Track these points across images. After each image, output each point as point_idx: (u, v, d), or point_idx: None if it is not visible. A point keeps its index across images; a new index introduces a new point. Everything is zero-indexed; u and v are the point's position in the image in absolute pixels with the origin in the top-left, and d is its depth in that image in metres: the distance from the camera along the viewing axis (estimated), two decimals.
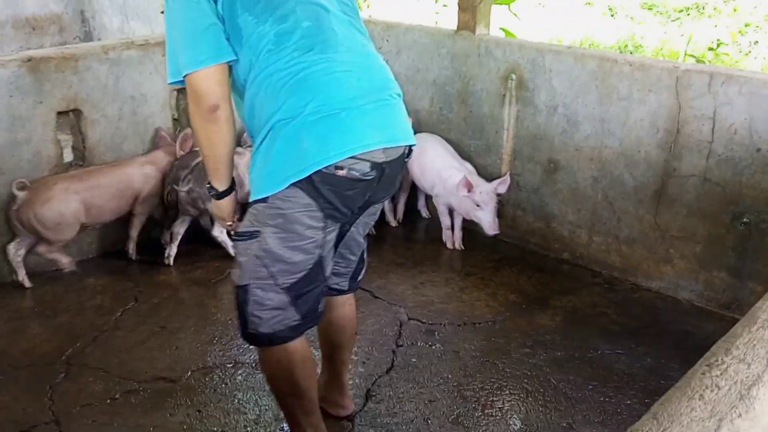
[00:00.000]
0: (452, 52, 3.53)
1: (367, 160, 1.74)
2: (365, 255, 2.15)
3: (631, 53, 5.85)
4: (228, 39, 1.75)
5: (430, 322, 2.89)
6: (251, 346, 2.66)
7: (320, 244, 1.82)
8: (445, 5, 6.04)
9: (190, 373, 2.55)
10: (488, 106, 3.48)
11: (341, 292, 2.12)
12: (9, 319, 2.85)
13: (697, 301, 3.00)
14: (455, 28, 3.55)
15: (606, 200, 3.18)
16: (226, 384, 2.50)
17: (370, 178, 1.77)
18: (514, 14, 4.94)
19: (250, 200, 1.80)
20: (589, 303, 3.06)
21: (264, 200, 1.75)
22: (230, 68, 1.78)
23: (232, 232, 1.97)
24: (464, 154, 3.59)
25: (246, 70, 1.76)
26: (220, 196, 1.93)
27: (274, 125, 1.71)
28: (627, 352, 2.68)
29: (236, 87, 1.83)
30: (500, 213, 3.56)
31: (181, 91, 3.51)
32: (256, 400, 2.42)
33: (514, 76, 3.33)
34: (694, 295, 3.00)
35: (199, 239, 3.54)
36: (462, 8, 3.44)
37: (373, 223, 2.17)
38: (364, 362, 2.63)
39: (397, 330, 2.84)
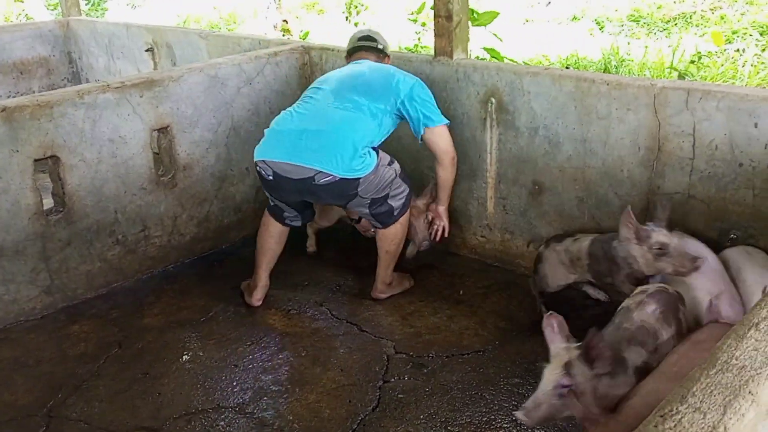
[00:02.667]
0: (431, 78, 3.50)
1: (270, 167, 2.90)
2: (382, 212, 3.05)
3: (616, 67, 5.82)
4: None
5: (418, 354, 2.84)
6: (235, 390, 2.64)
7: (268, 196, 3.12)
8: (423, 24, 6.04)
9: (172, 420, 2.50)
10: (470, 131, 3.45)
11: (377, 227, 3.13)
12: None
13: None
14: (433, 53, 3.54)
15: (593, 220, 3.13)
16: (209, 430, 2.44)
17: (270, 179, 2.93)
18: (495, 35, 4.93)
19: None
20: (581, 327, 2.97)
21: None
22: None
23: None
24: None
25: None
26: None
27: None
28: None
29: None
30: (488, 238, 3.53)
31: (162, 131, 3.51)
32: None
33: (493, 100, 3.30)
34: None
35: (189, 280, 3.51)
36: (438, 34, 3.43)
37: (369, 203, 3.01)
38: (349, 400, 2.57)
39: (384, 365, 2.78)
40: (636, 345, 2.11)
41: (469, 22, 3.71)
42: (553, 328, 2.14)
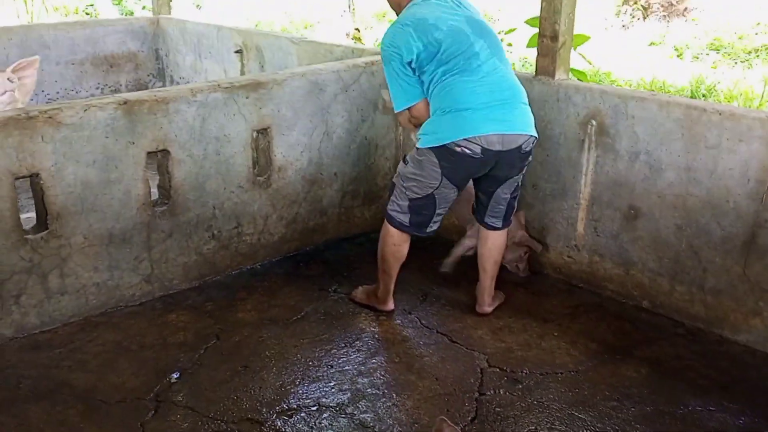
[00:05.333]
0: (530, 97, 3.50)
1: (479, 144, 2.81)
2: (514, 204, 3.18)
3: (704, 96, 5.77)
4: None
5: (512, 369, 2.86)
6: (332, 390, 2.70)
7: (434, 187, 2.93)
8: (510, 44, 6.06)
9: (275, 414, 2.57)
10: (566, 151, 3.46)
11: (496, 228, 3.19)
12: (98, 352, 2.92)
13: None
14: (533, 72, 3.57)
15: (690, 249, 3.11)
16: (311, 427, 2.50)
17: (477, 156, 2.83)
18: (583, 56, 4.94)
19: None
20: (673, 354, 2.98)
21: (418, 149, 2.94)
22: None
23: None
24: (539, 198, 3.58)
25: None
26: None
27: (435, 112, 2.90)
28: (719, 409, 2.60)
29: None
30: (575, 258, 3.54)
31: (261, 132, 3.60)
32: None
33: (594, 122, 3.31)
34: None
35: (277, 279, 3.59)
36: (542, 54, 3.46)
37: (516, 186, 3.13)
38: (447, 410, 2.60)
39: (478, 377, 2.81)
40: None
41: None
42: None
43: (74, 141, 2.95)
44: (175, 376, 2.77)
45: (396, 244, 3.10)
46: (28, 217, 3.07)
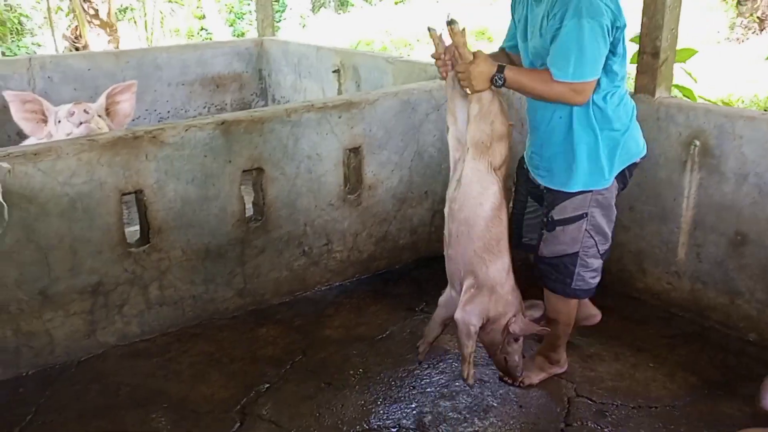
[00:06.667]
0: None
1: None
2: None
3: None
4: None
5: (601, 401, 2.74)
6: (414, 411, 2.67)
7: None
8: None
9: None
10: (666, 172, 3.30)
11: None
12: (191, 363, 3.04)
13: None
14: (632, 89, 3.43)
15: None
16: None
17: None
18: (689, 73, 4.70)
19: (569, 189, 2.52)
20: None
21: (595, 191, 2.51)
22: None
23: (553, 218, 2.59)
24: (637, 221, 3.43)
25: None
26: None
27: (617, 130, 2.51)
28: None
29: None
30: (675, 285, 3.35)
31: (353, 151, 3.65)
32: None
33: (697, 142, 3.14)
34: None
35: (365, 296, 3.62)
36: (641, 71, 3.32)
37: None
38: None
39: (564, 407, 2.71)
40: None
41: None
42: None
43: (175, 159, 3.11)
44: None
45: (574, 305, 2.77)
46: (131, 230, 3.25)
